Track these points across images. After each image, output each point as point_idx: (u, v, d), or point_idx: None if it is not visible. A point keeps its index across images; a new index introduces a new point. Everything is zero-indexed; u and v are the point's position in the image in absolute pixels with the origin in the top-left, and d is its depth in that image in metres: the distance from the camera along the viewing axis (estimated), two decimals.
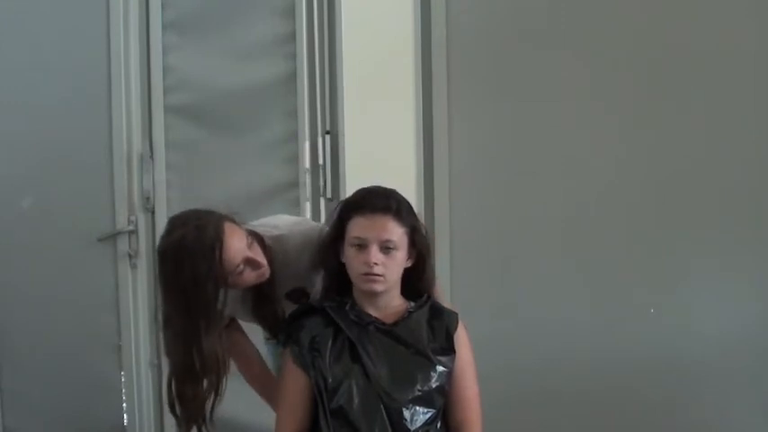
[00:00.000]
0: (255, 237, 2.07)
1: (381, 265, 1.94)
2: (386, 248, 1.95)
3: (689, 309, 2.72)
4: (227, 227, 1.98)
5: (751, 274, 2.66)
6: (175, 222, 2.01)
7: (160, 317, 2.05)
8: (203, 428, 2.07)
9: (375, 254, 1.94)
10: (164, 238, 2.00)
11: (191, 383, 2.03)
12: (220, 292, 1.98)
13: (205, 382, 2.02)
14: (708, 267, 2.70)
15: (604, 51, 2.76)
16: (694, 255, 2.71)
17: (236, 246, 1.97)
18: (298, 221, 2.34)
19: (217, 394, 2.05)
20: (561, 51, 2.80)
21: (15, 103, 3.37)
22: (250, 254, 2.00)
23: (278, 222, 2.25)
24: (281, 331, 2.13)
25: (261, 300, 2.15)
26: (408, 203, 2.03)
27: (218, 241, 1.94)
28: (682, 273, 2.72)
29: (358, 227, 1.97)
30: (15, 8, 3.38)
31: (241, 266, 1.99)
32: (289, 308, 2.18)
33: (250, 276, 2.03)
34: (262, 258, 2.03)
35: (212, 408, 2.06)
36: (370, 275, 1.94)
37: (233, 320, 2.25)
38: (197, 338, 1.98)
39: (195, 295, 1.96)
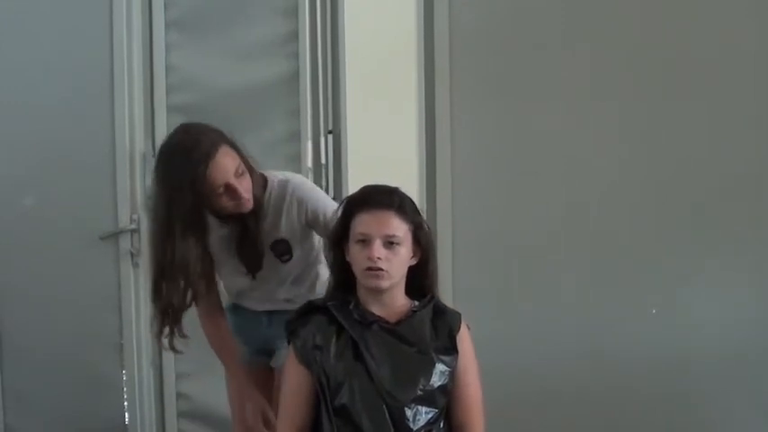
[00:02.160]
0: (254, 174, 2.16)
1: (385, 259, 1.95)
2: (389, 243, 1.96)
3: (689, 309, 2.72)
4: (223, 149, 2.07)
5: (751, 275, 2.66)
6: (181, 128, 2.14)
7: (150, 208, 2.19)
8: (175, 330, 2.20)
9: (378, 248, 1.95)
10: (167, 137, 2.14)
11: (163, 281, 2.15)
12: (201, 205, 2.08)
13: (175, 284, 2.15)
14: (709, 267, 2.70)
15: (607, 51, 2.76)
16: (695, 255, 2.71)
17: (223, 169, 2.06)
18: (314, 186, 2.41)
19: (185, 300, 2.18)
20: (564, 50, 2.80)
21: (18, 102, 3.36)
22: (233, 182, 2.08)
23: (294, 176, 2.33)
24: (259, 269, 2.24)
25: (245, 237, 2.22)
26: (411, 201, 2.05)
27: (206, 158, 2.04)
28: (682, 273, 2.72)
29: (362, 223, 1.98)
30: (17, 8, 3.37)
31: (221, 189, 2.07)
32: (270, 259, 2.26)
33: (228, 203, 2.11)
34: (244, 191, 2.10)
35: (182, 309, 2.19)
36: (373, 270, 1.95)
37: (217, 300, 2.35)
38: (171, 240, 2.10)
39: (176, 200, 2.07)
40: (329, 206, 2.24)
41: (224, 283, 2.39)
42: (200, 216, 2.12)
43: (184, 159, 2.05)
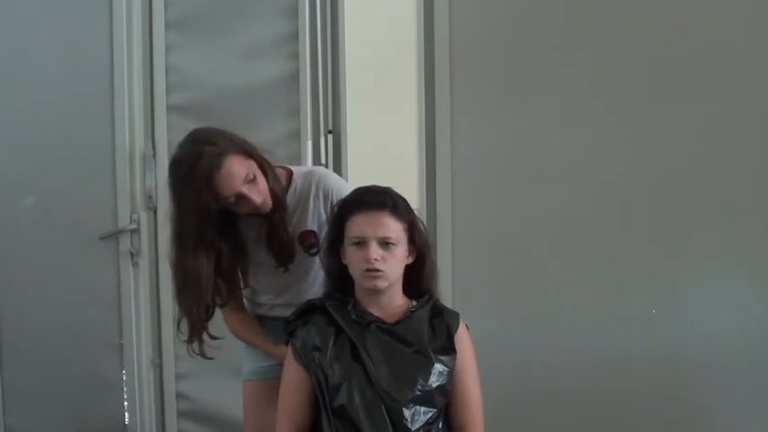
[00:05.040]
0: (269, 172, 2.15)
1: (382, 260, 1.95)
2: (385, 244, 1.96)
3: (690, 309, 2.71)
4: (229, 160, 2.06)
5: (752, 275, 2.66)
6: (188, 138, 2.13)
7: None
8: (202, 338, 2.20)
9: (375, 250, 1.95)
10: (177, 147, 2.13)
11: (180, 294, 2.17)
12: (210, 220, 2.08)
13: (192, 298, 2.16)
14: (709, 268, 2.70)
15: (607, 51, 2.76)
16: (696, 255, 2.71)
17: (229, 181, 2.06)
18: (338, 177, 2.43)
19: (203, 312, 2.18)
20: (563, 50, 2.80)
21: (18, 102, 3.37)
22: (243, 190, 2.08)
23: (317, 168, 2.38)
24: (291, 260, 2.22)
25: (273, 230, 2.22)
26: (405, 200, 2.05)
27: (209, 173, 2.04)
28: (683, 273, 2.72)
29: (356, 225, 1.98)
30: (18, 8, 3.38)
31: (232, 199, 2.08)
32: (299, 253, 2.25)
33: (244, 208, 2.13)
34: (257, 196, 2.11)
35: (202, 321, 2.19)
36: (371, 272, 1.95)
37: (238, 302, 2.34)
38: (183, 256, 2.13)
39: (185, 216, 2.09)
40: None
41: (254, 289, 2.35)
42: (211, 231, 2.11)
43: (188, 176, 2.05)
